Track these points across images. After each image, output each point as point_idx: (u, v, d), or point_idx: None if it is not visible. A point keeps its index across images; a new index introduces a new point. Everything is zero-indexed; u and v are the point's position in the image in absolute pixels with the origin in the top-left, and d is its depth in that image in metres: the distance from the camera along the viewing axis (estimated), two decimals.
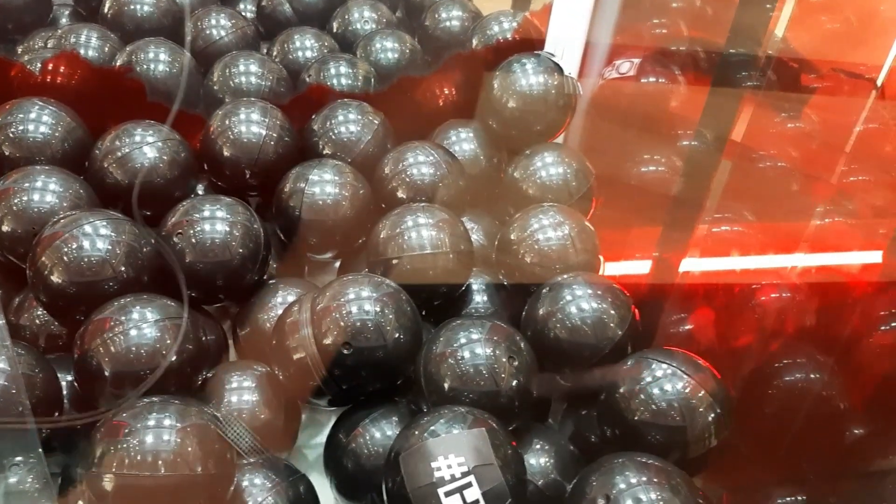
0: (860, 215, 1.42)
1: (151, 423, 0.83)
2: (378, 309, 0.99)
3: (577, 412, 1.11)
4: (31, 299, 1.12)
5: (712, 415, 0.93)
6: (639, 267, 1.34)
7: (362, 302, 0.99)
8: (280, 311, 1.09)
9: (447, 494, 0.80)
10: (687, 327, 1.21)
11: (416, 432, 0.86)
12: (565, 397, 1.13)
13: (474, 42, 1.54)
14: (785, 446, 1.07)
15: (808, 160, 1.57)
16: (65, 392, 1.01)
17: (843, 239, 1.36)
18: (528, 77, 1.34)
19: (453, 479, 0.81)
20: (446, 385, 0.98)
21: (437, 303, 1.18)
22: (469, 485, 0.81)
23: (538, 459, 1.00)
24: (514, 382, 0.97)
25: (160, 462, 0.80)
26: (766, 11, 1.37)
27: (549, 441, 1.02)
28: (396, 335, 0.99)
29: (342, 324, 0.97)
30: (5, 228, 1.10)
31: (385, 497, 0.86)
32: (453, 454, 0.82)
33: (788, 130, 1.61)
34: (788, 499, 1.07)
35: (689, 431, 0.92)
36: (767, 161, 1.55)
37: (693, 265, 1.31)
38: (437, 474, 0.81)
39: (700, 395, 0.93)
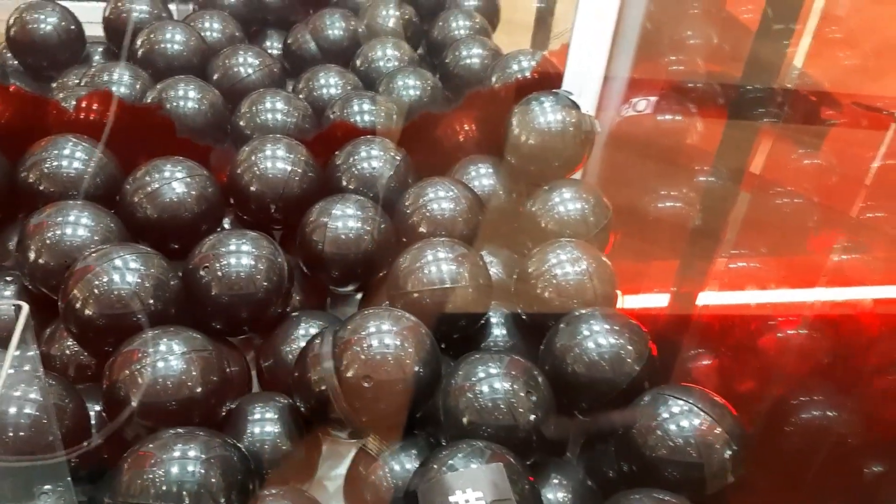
0: (880, 250, 1.42)
1: (177, 454, 0.85)
2: (398, 342, 1.01)
3: (595, 447, 1.12)
4: (62, 330, 1.15)
5: (728, 452, 0.93)
6: (656, 301, 1.35)
7: (383, 335, 1.01)
8: (302, 343, 1.11)
9: None
10: (704, 363, 1.21)
11: (435, 466, 0.88)
12: (583, 432, 1.14)
13: (494, 80, 1.57)
14: (802, 484, 1.07)
15: (827, 194, 1.57)
16: (93, 422, 1.04)
17: (862, 274, 1.37)
18: (546, 114, 1.36)
19: None
20: (465, 419, 0.99)
21: (456, 336, 1.20)
22: None
23: (556, 494, 1.01)
24: (532, 417, 0.99)
25: (185, 493, 0.82)
26: (783, 45, 1.39)
27: (566, 476, 1.03)
28: (416, 368, 1.01)
29: (363, 357, 0.99)
30: (39, 261, 1.14)
31: None
32: (471, 488, 0.84)
33: (807, 164, 1.62)
34: None
35: (705, 468, 0.92)
36: (786, 196, 1.56)
37: (711, 299, 1.32)
38: None
39: (716, 432, 0.94)
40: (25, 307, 0.78)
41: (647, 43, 1.53)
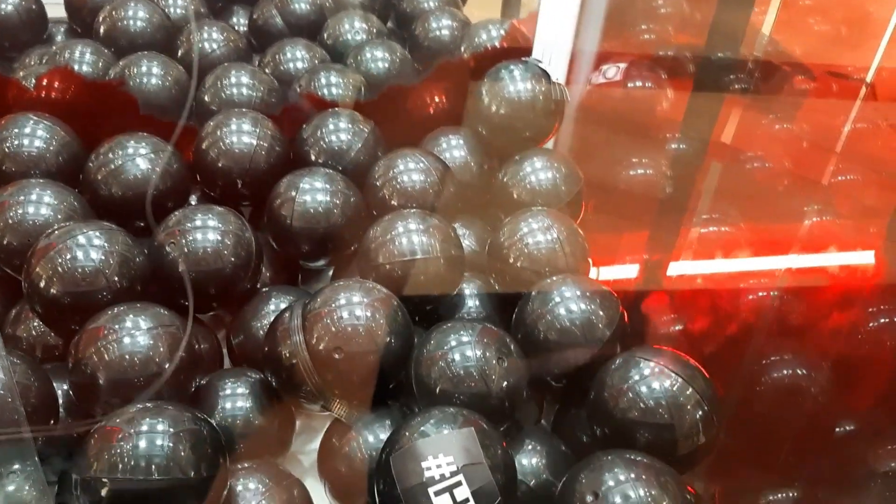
0: (851, 215, 1.43)
1: (145, 427, 0.84)
2: (369, 314, 1.00)
3: (569, 412, 1.12)
4: (28, 311, 1.13)
5: (700, 412, 0.93)
6: (628, 270, 1.35)
7: (353, 307, 1.00)
8: (272, 319, 1.10)
9: (437, 494, 0.81)
10: (676, 328, 1.22)
11: (406, 433, 0.87)
12: (557, 398, 1.14)
13: (463, 50, 1.56)
14: (775, 445, 1.08)
15: (797, 161, 1.58)
16: (61, 401, 1.02)
17: (833, 239, 1.38)
18: (515, 84, 1.35)
19: (443, 478, 0.82)
20: (437, 387, 0.99)
21: (429, 308, 1.19)
22: (459, 484, 0.82)
23: (530, 460, 1.01)
24: (505, 383, 0.99)
25: (153, 466, 0.81)
26: (746, 13, 1.39)
27: (540, 442, 1.03)
28: (387, 339, 1.00)
29: (333, 329, 0.98)
30: (1, 241, 1.12)
31: (377, 499, 0.87)
32: (442, 454, 0.83)
33: (778, 132, 1.62)
34: (780, 496, 1.07)
35: (676, 429, 0.93)
36: (757, 163, 1.56)
37: (682, 267, 1.32)
38: (426, 474, 0.82)
39: (687, 392, 0.94)
40: None
41: (616, 11, 1.52)
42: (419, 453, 0.83)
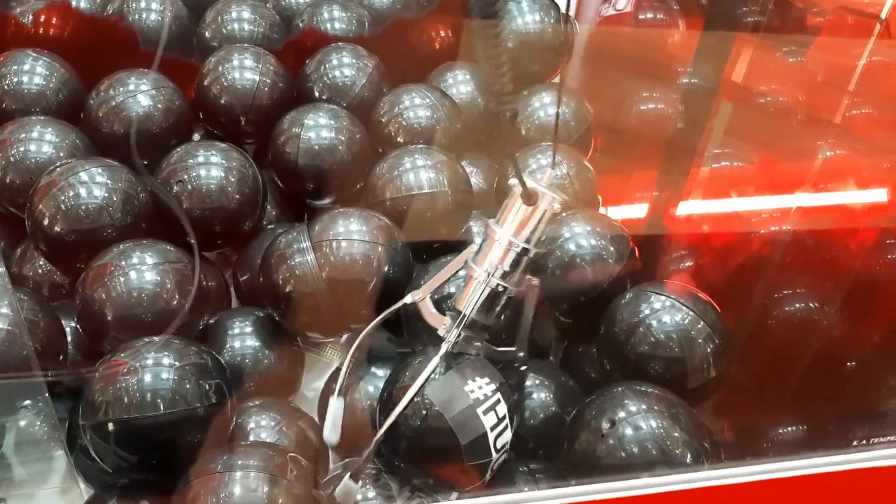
0: (864, 152, 1.40)
1: (150, 361, 0.83)
2: (368, 240, 1.00)
3: (577, 349, 1.12)
4: (33, 250, 1.12)
5: (711, 346, 0.93)
6: (638, 208, 1.33)
7: (351, 234, 1.00)
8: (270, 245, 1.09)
9: (485, 413, 0.81)
10: (687, 265, 1.21)
11: (410, 372, 0.86)
12: (565, 334, 1.14)
13: None
14: (785, 379, 1.08)
15: (810, 99, 1.55)
16: (69, 338, 1.02)
17: (845, 176, 1.35)
18: (524, 16, 1.32)
19: (486, 398, 0.82)
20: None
21: (437, 245, 1.18)
22: (498, 402, 0.82)
23: (539, 394, 1.00)
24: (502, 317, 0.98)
25: (159, 399, 0.81)
26: None
27: (549, 376, 1.03)
28: (386, 267, 1.00)
29: (332, 258, 0.98)
30: (4, 179, 1.10)
31: (413, 438, 0.84)
32: (478, 376, 0.83)
33: (790, 69, 1.59)
34: (789, 429, 1.08)
35: (687, 363, 0.92)
36: (769, 98, 1.53)
37: (692, 204, 1.30)
38: (472, 396, 0.81)
39: (699, 326, 0.93)
40: None
41: None
42: (459, 380, 0.82)
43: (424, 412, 0.82)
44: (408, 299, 0.88)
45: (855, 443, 0.98)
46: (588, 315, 1.04)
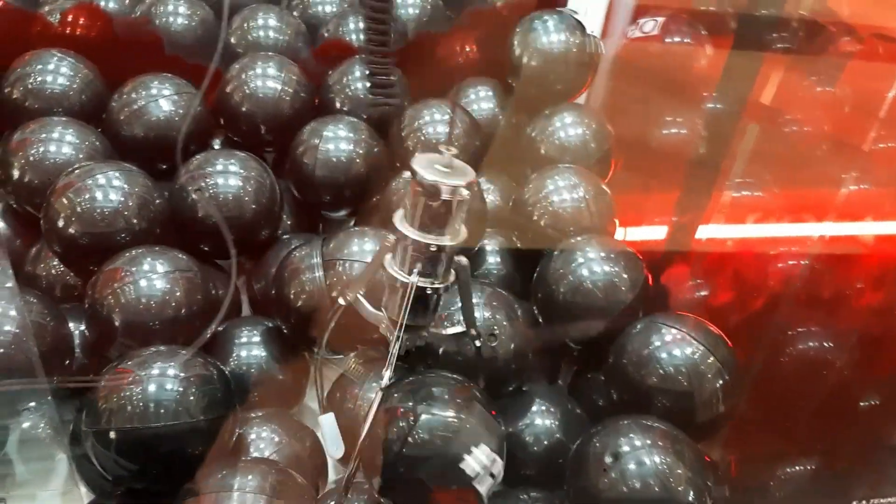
0: (891, 184, 1.37)
1: (155, 371, 0.83)
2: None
3: (586, 375, 1.10)
4: (48, 250, 1.13)
5: (720, 381, 0.91)
6: (655, 232, 1.32)
7: (364, 256, 0.99)
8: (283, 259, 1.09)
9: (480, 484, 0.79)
10: (701, 294, 1.19)
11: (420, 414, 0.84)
12: (574, 360, 1.13)
13: None
14: (795, 416, 1.06)
15: (838, 126, 1.52)
16: (77, 341, 1.02)
17: (869, 208, 1.33)
18: (549, 34, 1.31)
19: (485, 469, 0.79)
20: (441, 349, 0.97)
21: None
22: (494, 461, 0.80)
23: (543, 420, 1.00)
24: (511, 346, 0.97)
25: (162, 410, 0.81)
26: None
27: (554, 403, 1.02)
28: None
29: (343, 277, 0.98)
30: (23, 179, 1.11)
31: (407, 465, 0.83)
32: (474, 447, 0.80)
33: (819, 94, 1.56)
34: (797, 467, 1.05)
35: (696, 397, 0.91)
36: (795, 126, 1.50)
37: (710, 231, 1.28)
38: (468, 472, 0.79)
39: (709, 361, 0.92)
40: None
41: None
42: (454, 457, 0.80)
43: (417, 440, 0.80)
44: (341, 301, 0.85)
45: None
46: (599, 341, 1.03)
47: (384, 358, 0.87)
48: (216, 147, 1.33)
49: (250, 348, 1.05)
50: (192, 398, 0.82)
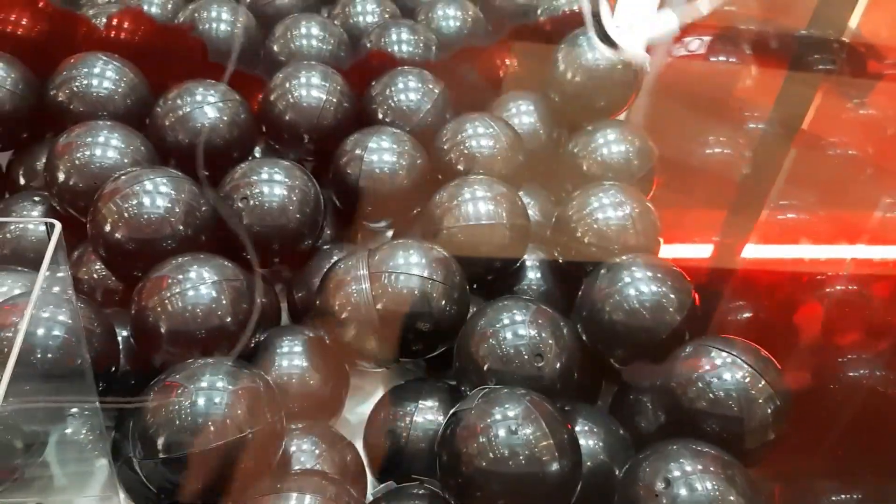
0: None
1: (204, 384, 0.83)
2: (426, 274, 0.99)
3: (628, 396, 1.09)
4: (90, 253, 1.13)
5: (771, 407, 0.90)
6: (698, 251, 1.30)
7: (412, 266, 1.00)
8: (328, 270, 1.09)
9: None
10: (745, 316, 1.18)
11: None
12: (616, 381, 1.11)
13: (539, 13, 1.50)
14: (843, 446, 1.04)
15: (876, 150, 1.51)
16: (120, 347, 1.02)
17: None
18: (594, 51, 1.30)
19: None
20: (485, 365, 0.97)
21: (490, 277, 1.16)
22: None
23: (587, 441, 0.98)
24: (557, 365, 0.97)
25: (210, 423, 0.81)
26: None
27: (599, 423, 1.01)
28: (442, 304, 0.99)
29: (390, 289, 0.98)
30: (68, 182, 1.11)
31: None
32: None
33: (857, 118, 1.55)
34: (843, 496, 1.04)
35: (745, 423, 0.90)
36: (833, 149, 1.49)
37: (755, 252, 1.27)
38: None
39: (759, 385, 0.91)
40: (58, 226, 0.75)
41: None
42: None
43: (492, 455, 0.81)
44: None
45: None
46: (643, 362, 1.02)
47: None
48: (257, 154, 1.33)
49: (292, 358, 1.04)
50: (240, 412, 0.82)
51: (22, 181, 1.26)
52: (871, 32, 1.64)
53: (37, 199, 1.19)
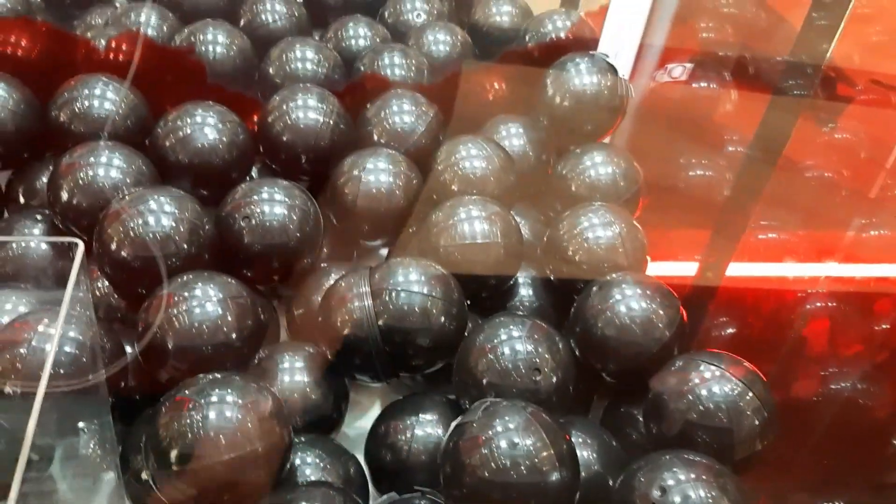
0: None
1: (214, 399, 0.85)
2: (426, 291, 1.03)
3: (619, 409, 1.13)
4: (92, 271, 1.14)
5: (759, 419, 0.94)
6: (683, 269, 1.35)
7: (412, 284, 1.03)
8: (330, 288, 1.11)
9: None
10: (730, 331, 1.22)
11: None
12: (607, 394, 1.15)
13: (527, 39, 1.55)
14: (825, 456, 1.08)
15: (848, 173, 1.57)
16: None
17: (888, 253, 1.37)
18: (581, 77, 1.35)
19: None
20: (484, 380, 1.00)
21: (484, 295, 1.20)
22: None
23: (581, 453, 1.01)
24: (553, 379, 1.00)
25: (222, 438, 0.83)
26: (836, 19, 1.35)
27: (592, 435, 1.04)
28: (442, 319, 1.03)
29: (391, 306, 1.01)
30: (71, 201, 1.13)
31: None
32: None
33: (830, 142, 1.61)
34: None
35: (735, 434, 0.94)
36: (808, 171, 1.55)
37: (738, 270, 1.32)
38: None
39: (748, 398, 0.95)
40: (81, 245, 0.77)
41: (685, 9, 1.51)
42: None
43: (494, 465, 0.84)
44: None
45: None
46: (634, 376, 1.06)
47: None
48: (254, 175, 1.36)
49: (293, 373, 1.07)
50: (250, 426, 0.84)
51: (22, 200, 1.28)
52: (843, 57, 1.71)
53: (38, 217, 1.21)
